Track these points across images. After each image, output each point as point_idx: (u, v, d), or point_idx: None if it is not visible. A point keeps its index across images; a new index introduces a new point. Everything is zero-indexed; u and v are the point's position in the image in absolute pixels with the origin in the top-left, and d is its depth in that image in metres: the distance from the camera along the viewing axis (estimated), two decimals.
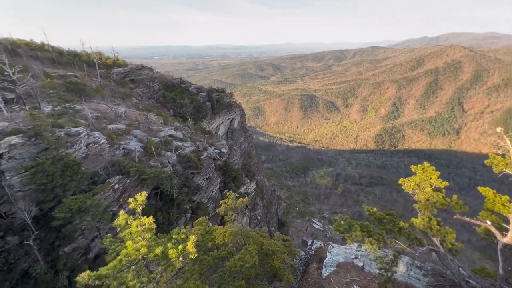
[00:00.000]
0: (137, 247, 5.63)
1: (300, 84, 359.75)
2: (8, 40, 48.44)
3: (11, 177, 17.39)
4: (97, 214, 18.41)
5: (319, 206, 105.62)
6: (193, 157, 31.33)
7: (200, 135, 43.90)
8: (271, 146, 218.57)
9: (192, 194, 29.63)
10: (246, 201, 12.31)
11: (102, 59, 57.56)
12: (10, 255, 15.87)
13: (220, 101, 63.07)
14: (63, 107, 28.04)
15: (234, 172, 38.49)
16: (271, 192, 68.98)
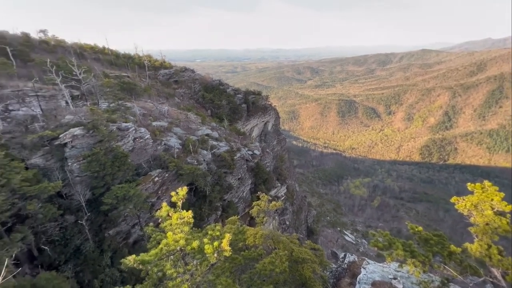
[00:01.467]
0: (176, 238, 5.95)
1: (338, 88, 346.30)
2: (77, 44, 55.94)
3: (72, 164, 19.88)
4: (139, 203, 20.00)
5: (352, 218, 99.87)
6: (227, 157, 32.18)
7: (234, 135, 44.97)
8: (304, 151, 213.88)
9: (224, 192, 30.39)
10: (279, 205, 12.17)
11: (151, 62, 62.86)
12: (67, 231, 18.09)
13: (256, 103, 63.86)
14: (117, 104, 31.17)
15: (265, 174, 38.51)
16: (301, 198, 67.35)
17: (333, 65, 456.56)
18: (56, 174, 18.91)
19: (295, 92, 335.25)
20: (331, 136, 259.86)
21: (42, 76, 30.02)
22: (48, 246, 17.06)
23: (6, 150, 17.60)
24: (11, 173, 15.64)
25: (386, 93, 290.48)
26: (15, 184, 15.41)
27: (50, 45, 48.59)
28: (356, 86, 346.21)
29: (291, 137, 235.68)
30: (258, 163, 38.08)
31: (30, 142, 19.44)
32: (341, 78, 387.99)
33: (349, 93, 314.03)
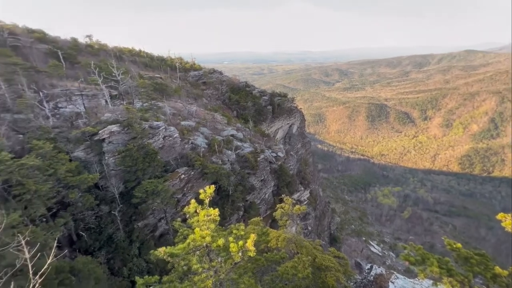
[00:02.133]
0: (203, 234, 6.13)
1: (368, 91, 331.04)
2: (117, 48, 60.56)
3: (108, 158, 21.48)
4: (166, 198, 20.94)
5: (379, 228, 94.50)
6: (251, 158, 32.41)
7: (259, 137, 45.15)
8: (330, 155, 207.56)
9: (246, 193, 30.61)
10: (303, 209, 11.95)
11: (182, 64, 65.70)
12: (102, 220, 19.54)
13: (281, 106, 63.55)
14: (149, 104, 33.05)
15: (288, 177, 38.07)
16: (325, 203, 65.40)
17: (363, 67, 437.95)
18: (95, 167, 20.55)
19: (322, 95, 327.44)
20: (359, 141, 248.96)
21: (86, 76, 32.92)
22: (85, 233, 18.57)
23: (55, 143, 19.55)
24: (58, 164, 17.34)
25: (422, 97, 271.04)
26: (61, 174, 17.04)
27: (94, 49, 53.14)
28: (388, 89, 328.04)
29: (316, 141, 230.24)
30: (281, 165, 37.79)
31: (74, 136, 21.40)
32: (372, 81, 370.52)
33: (380, 97, 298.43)
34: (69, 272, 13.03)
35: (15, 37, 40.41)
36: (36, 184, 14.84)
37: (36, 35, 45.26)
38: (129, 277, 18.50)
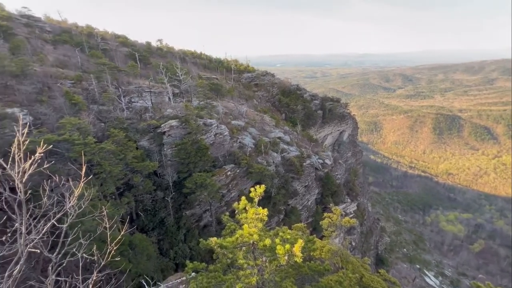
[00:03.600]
0: (251, 232, 6.33)
1: (438, 100, 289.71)
2: (181, 50, 67.09)
3: (167, 149, 23.88)
4: (212, 192, 22.19)
5: (438, 258, 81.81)
6: (296, 162, 31.88)
7: (306, 141, 44.09)
8: (384, 168, 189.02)
9: (289, 197, 30.21)
10: (353, 222, 11.20)
11: (237, 66, 68.79)
12: (157, 204, 21.85)
13: (333, 111, 60.78)
14: (205, 103, 35.52)
15: (334, 186, 36.13)
16: (373, 220, 59.91)
17: (434, 72, 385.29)
18: (155, 156, 23.11)
19: (379, 102, 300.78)
20: (420, 155, 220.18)
21: (155, 76, 37.29)
22: (143, 213, 21.03)
23: (126, 133, 22.68)
24: (127, 150, 20.07)
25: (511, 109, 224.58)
26: (129, 160, 19.68)
27: (163, 51, 59.88)
28: (464, 98, 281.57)
29: (369, 151, 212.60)
30: (328, 173, 36.11)
31: (141, 128, 24.47)
32: (443, 88, 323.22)
33: (453, 107, 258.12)
34: (128, 245, 14.96)
35: (105, 41, 48.36)
36: (110, 166, 17.46)
37: (120, 39, 53.35)
38: (174, 259, 20.21)
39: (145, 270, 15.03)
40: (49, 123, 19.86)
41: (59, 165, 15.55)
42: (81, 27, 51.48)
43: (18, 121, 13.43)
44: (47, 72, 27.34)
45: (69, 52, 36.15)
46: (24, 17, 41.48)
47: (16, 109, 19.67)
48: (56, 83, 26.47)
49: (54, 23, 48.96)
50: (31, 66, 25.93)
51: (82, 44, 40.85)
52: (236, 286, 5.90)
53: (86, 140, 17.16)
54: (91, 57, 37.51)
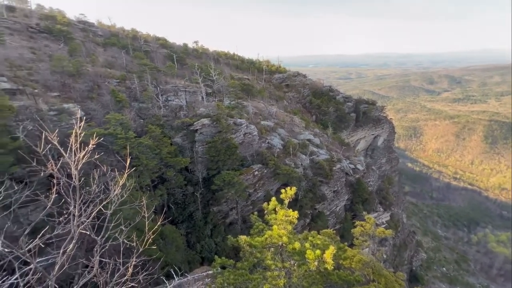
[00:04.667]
0: (280, 233, 6.33)
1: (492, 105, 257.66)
2: (216, 51, 69.29)
3: (198, 146, 24.86)
4: (239, 190, 22.55)
5: (485, 282, 72.76)
6: (325, 165, 30.89)
7: (337, 145, 42.50)
8: (422, 177, 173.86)
9: (316, 201, 29.41)
10: (388, 234, 10.49)
11: (269, 66, 68.91)
12: (186, 198, 22.86)
13: (367, 114, 57.66)
14: (236, 102, 36.20)
15: (366, 193, 34.26)
16: (408, 232, 55.53)
17: (488, 74, 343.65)
18: (187, 152, 24.20)
19: (421, 105, 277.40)
20: (467, 166, 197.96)
21: (191, 76, 39.02)
22: (174, 206, 22.15)
23: (162, 129, 24.11)
24: (162, 146, 21.31)
25: None
26: (163, 155, 20.89)
27: (199, 52, 62.43)
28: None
29: (406, 158, 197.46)
30: (359, 179, 34.37)
31: (176, 125, 25.80)
32: (499, 92, 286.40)
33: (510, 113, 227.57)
34: (159, 235, 15.88)
35: (147, 43, 51.95)
36: (147, 160, 18.71)
37: (160, 41, 56.87)
38: (200, 253, 20.95)
39: (174, 260, 15.81)
40: (97, 118, 21.96)
41: (104, 157, 17.10)
42: (127, 31, 56.05)
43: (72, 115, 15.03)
44: (97, 72, 30.27)
45: (116, 54, 39.62)
46: (81, 23, 46.48)
47: (71, 105, 22.10)
48: (104, 82, 29.17)
49: (105, 27, 54.01)
50: (85, 67, 28.96)
51: (127, 46, 44.45)
52: (264, 286, 5.90)
53: (127, 135, 18.63)
54: (135, 58, 40.61)
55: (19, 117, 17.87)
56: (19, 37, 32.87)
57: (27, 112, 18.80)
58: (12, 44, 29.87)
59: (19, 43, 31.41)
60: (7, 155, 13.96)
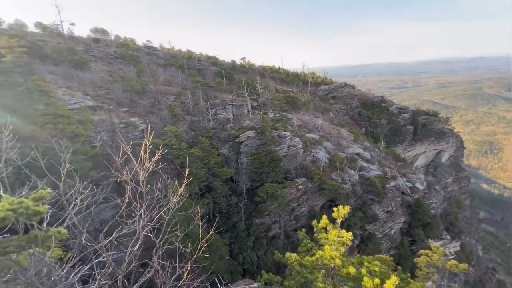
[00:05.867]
0: (332, 255, 5.96)
1: None
2: (261, 66, 71.69)
3: (243, 158, 25.53)
4: (282, 204, 22.14)
5: None
6: (377, 182, 28.26)
7: (390, 160, 38.70)
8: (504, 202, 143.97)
9: (366, 221, 26.92)
10: (463, 268, 8.85)
11: (314, 78, 67.97)
12: (231, 208, 23.43)
13: (428, 126, 51.39)
14: (280, 115, 36.39)
15: (427, 217, 29.93)
16: (486, 269, 46.04)
17: None
18: (233, 163, 25.06)
19: (499, 116, 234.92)
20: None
21: (237, 90, 40.99)
22: (218, 215, 22.89)
23: (211, 141, 25.60)
24: (210, 156, 22.53)
25: None
26: (211, 165, 22.03)
27: (246, 68, 65.46)
28: None
29: (480, 178, 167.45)
30: (418, 200, 30.34)
31: (223, 137, 27.12)
32: None
33: None
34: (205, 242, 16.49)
35: (200, 62, 56.87)
36: (197, 169, 19.96)
37: (211, 60, 61.62)
38: (242, 264, 20.95)
39: (217, 269, 16.13)
40: (156, 130, 24.56)
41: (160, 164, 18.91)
42: (183, 52, 62.47)
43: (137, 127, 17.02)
44: (158, 90, 34.23)
45: (174, 73, 44.34)
46: (147, 48, 53.77)
47: (136, 119, 25.31)
48: (163, 98, 32.73)
49: (165, 50, 61.27)
50: (148, 85, 33.08)
51: (183, 66, 49.38)
52: None
53: (180, 145, 20.32)
54: (189, 76, 44.76)
55: (97, 129, 21.16)
56: (101, 63, 39.62)
57: (103, 124, 22.19)
58: (95, 69, 36.13)
59: (101, 68, 37.80)
60: (87, 160, 16.55)
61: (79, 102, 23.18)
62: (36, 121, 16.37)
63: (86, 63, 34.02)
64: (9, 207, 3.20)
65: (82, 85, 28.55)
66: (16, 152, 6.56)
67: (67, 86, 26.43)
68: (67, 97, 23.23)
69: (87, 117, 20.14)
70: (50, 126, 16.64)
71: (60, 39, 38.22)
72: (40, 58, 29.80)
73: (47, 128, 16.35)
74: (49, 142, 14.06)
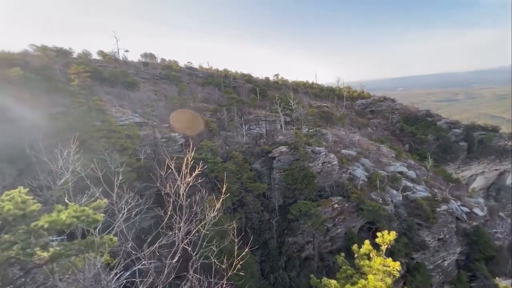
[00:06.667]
0: (377, 286, 5.45)
1: None
2: (294, 82, 72.12)
3: (275, 173, 25.29)
4: (316, 223, 21.08)
5: None
6: (425, 205, 25.36)
7: (440, 181, 34.68)
8: None
9: (413, 249, 24.03)
10: None
11: (350, 92, 65.92)
12: (262, 225, 23.05)
13: (486, 143, 45.34)
14: (314, 130, 35.70)
15: (491, 249, 25.58)
16: None
17: None
18: (265, 178, 24.95)
19: None
20: None
21: (271, 106, 41.55)
22: (250, 231, 22.65)
23: (244, 155, 26.03)
24: (243, 171, 22.81)
25: None
26: (244, 179, 22.23)
27: (279, 84, 66.47)
28: None
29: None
30: (478, 228, 26.26)
31: (256, 152, 27.39)
32: None
33: None
34: None
35: (235, 80, 59.48)
36: (230, 183, 20.28)
37: (246, 78, 64.06)
38: (273, 285, 20.12)
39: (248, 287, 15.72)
40: (193, 144, 25.93)
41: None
42: (220, 71, 66.24)
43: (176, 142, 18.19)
44: (196, 107, 36.47)
45: (211, 91, 47.02)
46: (187, 69, 58.33)
47: (176, 134, 27.11)
48: (201, 114, 34.67)
49: (204, 70, 65.68)
50: (188, 103, 35.47)
51: (220, 84, 52.18)
52: None
53: (215, 160, 21.01)
54: (225, 93, 46.97)
55: (142, 143, 23.11)
56: (148, 84, 43.98)
57: (147, 139, 24.19)
58: (143, 89, 40.16)
59: (148, 88, 41.91)
60: (132, 172, 18.04)
61: (128, 118, 25.80)
62: (93, 136, 18.57)
63: (136, 84, 38.09)
64: (74, 214, 3.64)
65: (132, 103, 31.84)
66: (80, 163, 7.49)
67: (119, 104, 29.75)
68: (119, 114, 26.08)
69: (134, 132, 22.23)
70: (104, 140, 18.71)
71: (116, 64, 43.73)
72: (100, 81, 34.28)
73: (101, 141, 18.42)
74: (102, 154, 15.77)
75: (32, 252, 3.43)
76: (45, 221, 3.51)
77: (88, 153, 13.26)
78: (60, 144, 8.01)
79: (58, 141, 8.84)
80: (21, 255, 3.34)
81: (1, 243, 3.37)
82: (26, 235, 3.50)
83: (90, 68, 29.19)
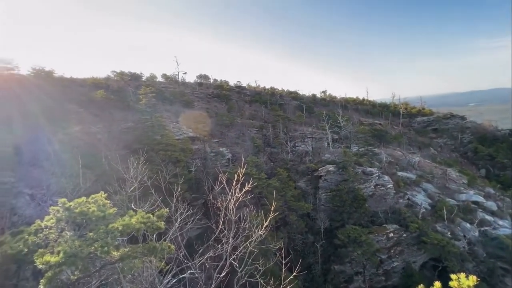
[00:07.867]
0: None
1: None
2: (343, 98, 69.39)
3: (321, 193, 24.07)
4: (367, 252, 18.98)
5: None
6: (511, 245, 20.57)
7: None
8: None
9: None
10: None
11: (407, 109, 59.99)
12: (306, 247, 21.80)
13: None
14: (365, 149, 33.19)
15: None
16: None
17: None
18: (310, 198, 23.91)
19: None
20: None
21: (317, 123, 40.58)
22: (293, 253, 21.62)
23: (288, 173, 25.61)
24: (287, 189, 22.34)
25: None
26: (287, 197, 21.72)
27: (326, 101, 64.86)
28: None
29: None
30: None
31: (301, 169, 26.70)
32: None
33: None
34: None
35: (282, 97, 60.35)
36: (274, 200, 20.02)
37: (292, 95, 64.44)
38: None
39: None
40: (240, 159, 26.75)
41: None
42: (267, 89, 68.26)
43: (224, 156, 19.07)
44: (243, 123, 37.98)
45: (257, 108, 48.58)
46: (237, 87, 61.79)
47: (224, 149, 28.47)
48: (248, 130, 35.88)
49: (252, 88, 68.63)
50: (236, 119, 37.24)
51: (266, 101, 53.62)
52: None
53: (260, 175, 21.15)
54: (271, 110, 47.89)
55: (194, 156, 24.87)
56: (201, 102, 47.94)
57: (198, 153, 25.97)
58: (197, 107, 43.87)
59: (201, 106, 45.64)
60: (184, 183, 19.40)
61: (183, 133, 28.29)
62: (154, 148, 20.84)
63: (191, 102, 41.94)
64: (142, 220, 4.10)
65: (187, 120, 35.00)
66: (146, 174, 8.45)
67: (176, 121, 33.01)
68: (175, 129, 28.87)
69: (187, 146, 24.17)
70: (162, 152, 20.78)
71: (176, 85, 49.15)
72: (162, 100, 38.84)
73: (160, 154, 20.52)
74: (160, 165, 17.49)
75: (108, 250, 3.96)
76: (120, 224, 4.06)
77: (149, 164, 14.87)
78: (129, 155, 9.24)
79: (127, 152, 10.22)
80: (99, 251, 3.90)
81: (86, 240, 4.02)
82: (105, 235, 4.09)
83: (155, 89, 33.44)
